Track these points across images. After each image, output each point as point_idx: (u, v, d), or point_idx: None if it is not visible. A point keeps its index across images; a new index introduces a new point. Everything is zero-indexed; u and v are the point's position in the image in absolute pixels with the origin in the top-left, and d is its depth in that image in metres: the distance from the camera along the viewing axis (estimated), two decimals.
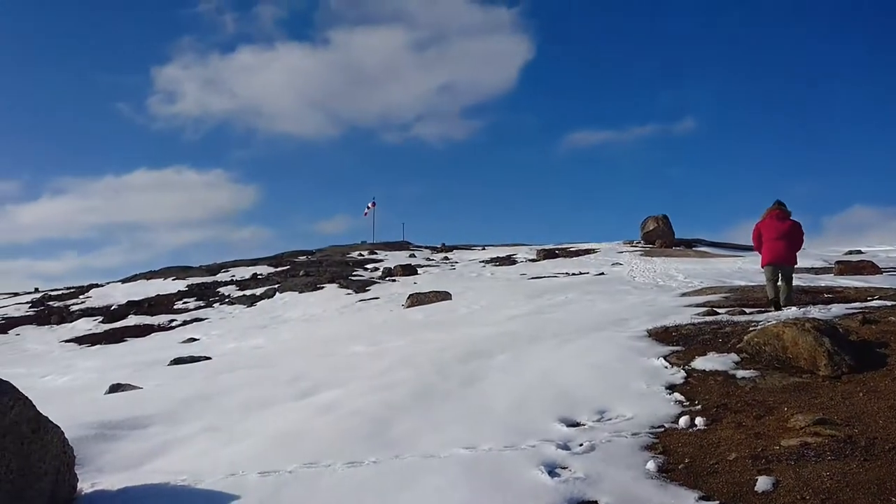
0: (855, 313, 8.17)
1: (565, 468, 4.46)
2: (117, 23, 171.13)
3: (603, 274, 23.76)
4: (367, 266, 37.10)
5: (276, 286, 31.01)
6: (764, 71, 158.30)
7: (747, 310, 9.51)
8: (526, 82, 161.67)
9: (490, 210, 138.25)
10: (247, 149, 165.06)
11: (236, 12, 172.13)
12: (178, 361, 13.05)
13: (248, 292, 30.78)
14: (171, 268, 43.47)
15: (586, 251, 37.52)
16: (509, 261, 36.10)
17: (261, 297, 29.11)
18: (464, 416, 5.84)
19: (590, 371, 6.82)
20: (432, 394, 6.58)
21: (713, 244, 41.31)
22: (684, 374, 6.47)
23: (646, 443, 4.89)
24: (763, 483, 3.98)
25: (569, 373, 6.86)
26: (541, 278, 24.60)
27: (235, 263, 43.85)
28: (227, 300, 29.89)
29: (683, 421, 5.28)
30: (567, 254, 36.87)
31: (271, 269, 38.84)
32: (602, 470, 4.38)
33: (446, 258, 41.03)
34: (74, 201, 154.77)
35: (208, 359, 13.20)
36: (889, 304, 9.02)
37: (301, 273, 34.93)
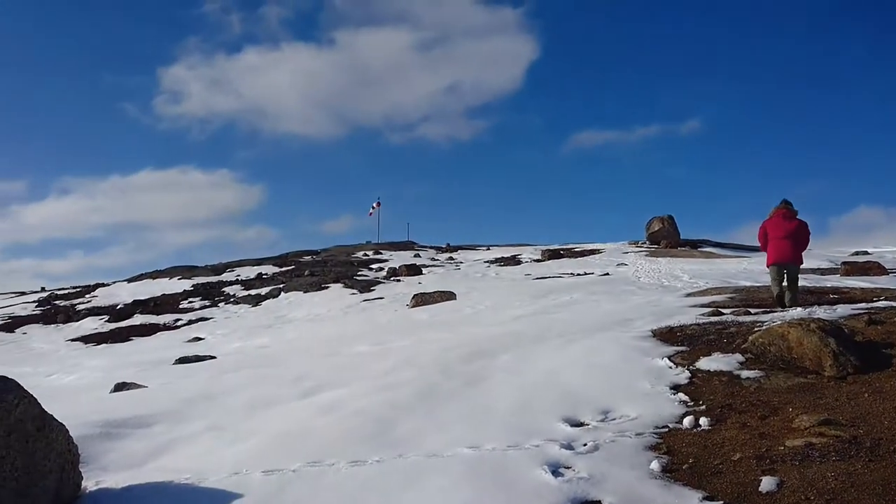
0: (861, 314, 8.14)
1: (569, 468, 4.46)
2: (123, 23, 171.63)
3: (608, 274, 23.74)
4: (372, 266, 37.13)
5: (280, 286, 31.06)
6: (770, 71, 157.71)
7: (752, 310, 9.48)
8: (531, 82, 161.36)
9: (495, 210, 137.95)
10: (252, 149, 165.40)
11: (242, 13, 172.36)
12: (183, 361, 13.09)
13: (253, 292, 30.84)
14: (176, 267, 43.56)
15: (591, 251, 37.47)
16: (514, 261, 36.07)
17: (266, 297, 29.18)
18: (467, 415, 5.84)
19: (594, 371, 6.81)
20: (436, 393, 6.58)
21: (718, 245, 41.16)
22: (689, 375, 6.45)
23: (650, 443, 4.88)
24: (767, 483, 3.97)
25: (573, 373, 6.85)
26: (545, 278, 24.59)
27: (240, 263, 43.90)
28: (232, 300, 29.97)
29: (688, 421, 5.27)
30: (572, 254, 36.83)
31: (276, 269, 38.88)
32: (606, 470, 4.38)
33: (451, 258, 41.03)
34: (80, 201, 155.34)
35: (213, 358, 13.23)
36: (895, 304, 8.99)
37: (306, 273, 34.98)
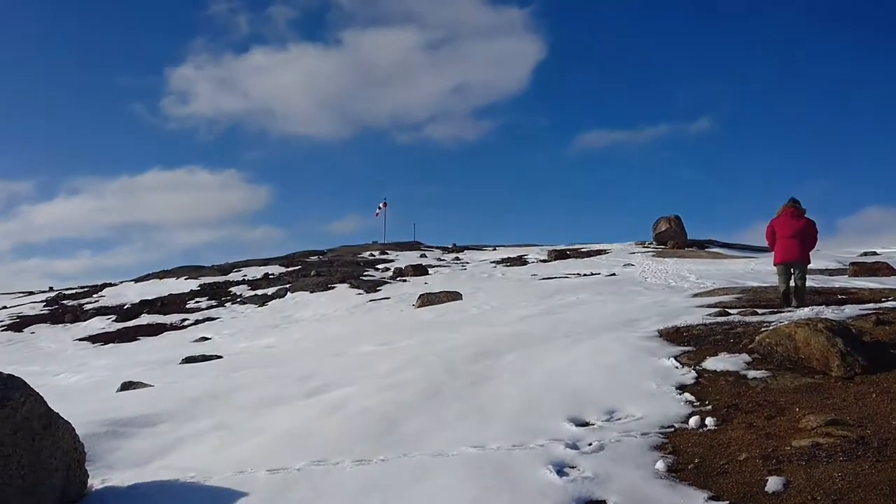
0: (869, 314, 8.09)
1: (574, 467, 4.44)
2: (131, 24, 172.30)
3: (614, 275, 23.68)
4: (379, 266, 37.17)
5: (287, 286, 31.13)
6: (778, 71, 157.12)
7: (759, 310, 9.44)
8: (538, 83, 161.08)
9: (501, 210, 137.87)
10: (259, 149, 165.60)
11: (250, 13, 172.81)
12: (189, 360, 13.15)
13: (259, 292, 30.92)
14: (183, 267, 43.71)
15: (598, 252, 37.40)
16: (520, 261, 36.06)
17: (272, 297, 29.24)
18: (473, 415, 5.83)
19: (600, 371, 6.79)
20: (442, 393, 6.57)
21: (726, 245, 41.05)
22: (695, 375, 6.43)
23: (655, 443, 4.86)
24: (773, 483, 3.95)
25: (579, 373, 6.84)
26: (552, 279, 24.55)
27: (247, 263, 44.04)
28: (238, 300, 30.04)
29: (694, 421, 5.25)
30: (578, 254, 36.77)
31: (283, 269, 38.98)
32: (611, 469, 4.36)
33: (457, 258, 41.03)
34: (89, 201, 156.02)
35: (219, 358, 13.28)
36: None
37: (312, 273, 35.05)
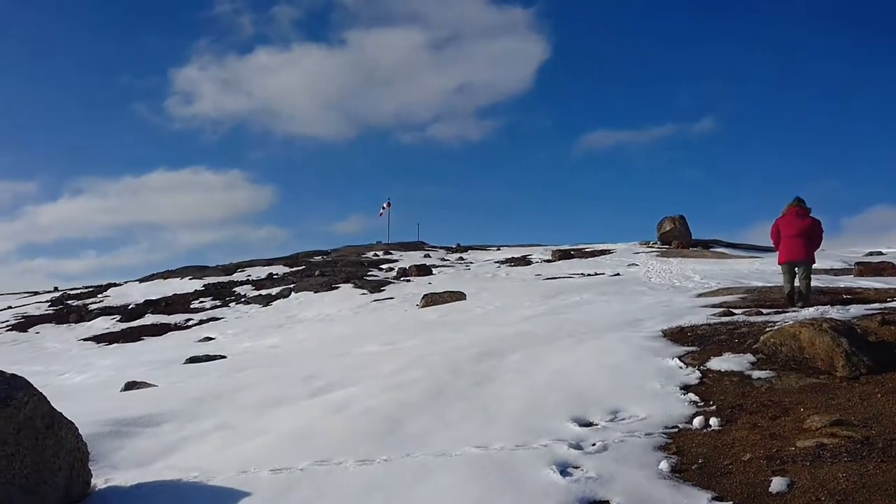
0: (874, 314, 8.06)
1: (577, 468, 4.43)
2: (135, 25, 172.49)
3: (618, 275, 23.64)
4: (382, 266, 37.17)
5: (291, 286, 31.15)
6: (782, 71, 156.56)
7: (764, 310, 9.41)
8: (542, 82, 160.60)
9: (505, 210, 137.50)
10: (264, 149, 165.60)
11: (254, 14, 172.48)
12: (193, 360, 13.15)
13: (263, 292, 30.95)
14: (187, 267, 43.79)
15: (602, 252, 37.35)
16: (524, 261, 36.01)
17: (276, 297, 29.27)
18: (476, 415, 5.82)
19: (604, 371, 6.78)
20: (445, 393, 6.57)
21: (730, 245, 40.93)
22: (699, 375, 6.41)
23: (659, 443, 4.85)
24: (778, 484, 3.93)
25: (583, 373, 6.83)
26: (556, 279, 24.52)
27: (251, 263, 44.08)
28: (242, 300, 30.08)
29: (698, 421, 5.23)
30: (582, 254, 36.72)
31: (287, 269, 39.01)
32: (614, 470, 4.35)
33: (461, 258, 41.02)
34: (93, 201, 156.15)
35: (223, 358, 13.29)
36: None
37: (316, 273, 35.07)
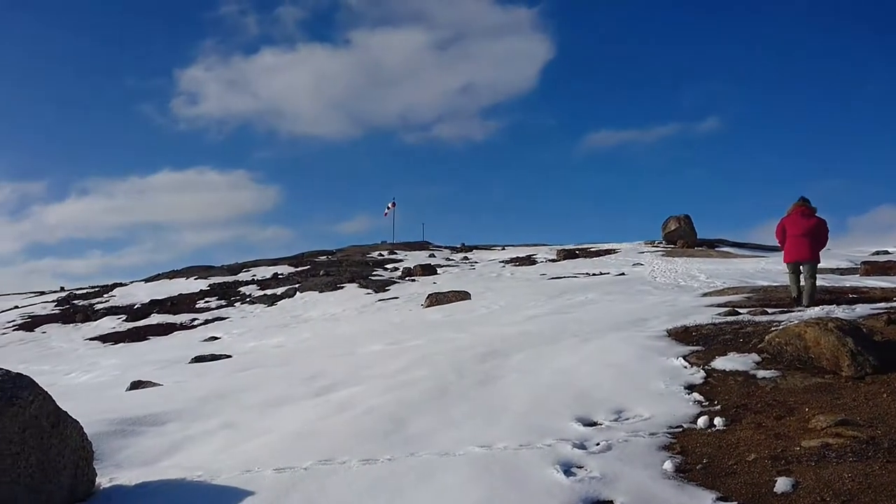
0: (880, 313, 8.03)
1: (581, 467, 4.42)
2: (141, 26, 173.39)
3: (623, 274, 23.58)
4: (387, 266, 37.20)
5: (296, 286, 31.19)
6: (788, 69, 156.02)
7: (769, 310, 9.38)
8: (546, 82, 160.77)
9: (510, 210, 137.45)
10: (269, 149, 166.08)
11: (258, 14, 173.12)
12: (198, 359, 13.19)
13: (268, 292, 31.01)
14: (193, 267, 43.95)
15: (607, 251, 37.28)
16: (529, 261, 35.99)
17: (281, 297, 29.31)
18: (480, 414, 5.82)
19: (608, 371, 6.77)
20: (449, 392, 6.57)
21: (736, 244, 40.82)
22: (704, 374, 6.39)
23: (663, 443, 4.83)
24: (782, 484, 3.92)
25: (587, 372, 6.81)
26: (561, 278, 24.48)
27: (256, 263, 44.17)
28: (248, 299, 30.14)
29: (702, 421, 5.22)
30: (587, 254, 36.67)
31: (292, 269, 39.07)
32: (618, 469, 4.34)
33: (466, 258, 41.02)
34: (100, 201, 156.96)
35: (229, 357, 13.32)
36: None
37: (321, 273, 35.11)
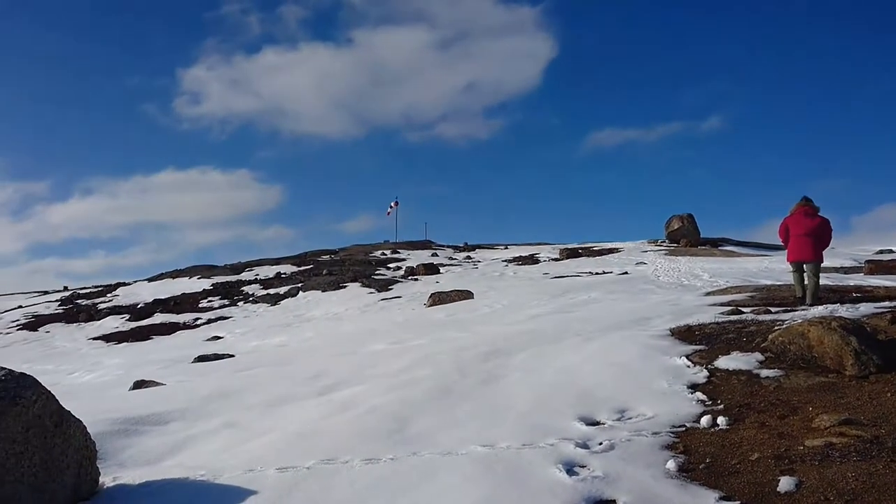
0: (884, 312, 8.00)
1: (584, 467, 4.42)
2: (143, 25, 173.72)
3: (626, 273, 23.56)
4: (390, 265, 37.20)
5: (299, 285, 31.21)
6: (791, 68, 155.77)
7: (773, 309, 9.35)
8: (549, 81, 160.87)
9: (513, 209, 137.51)
10: (271, 149, 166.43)
11: (261, 13, 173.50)
12: (202, 359, 13.21)
13: (271, 291, 31.03)
14: (196, 267, 43.98)
15: (610, 250, 37.24)
16: (532, 260, 35.96)
17: (284, 296, 29.33)
18: (482, 414, 5.82)
19: (611, 370, 6.76)
20: (452, 392, 6.57)
21: (739, 243, 40.72)
22: (707, 374, 6.38)
23: (666, 442, 4.83)
24: (786, 483, 3.91)
25: (590, 372, 6.81)
26: (564, 277, 24.46)
27: (259, 262, 44.21)
28: (251, 299, 30.16)
29: (705, 420, 5.21)
30: (590, 253, 36.62)
31: (295, 269, 39.08)
32: (621, 469, 4.34)
33: (469, 257, 41.00)
34: (103, 201, 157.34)
35: (232, 356, 13.33)
36: None
37: (324, 272, 35.13)
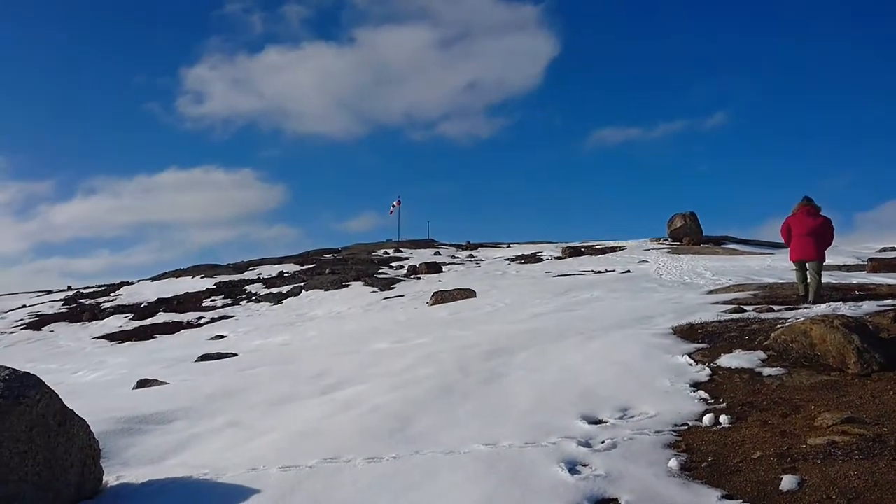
0: (886, 310, 7.99)
1: (586, 465, 4.43)
2: (146, 24, 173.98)
3: (629, 272, 23.53)
4: (393, 264, 37.21)
5: (302, 284, 31.23)
6: (794, 65, 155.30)
7: (775, 307, 9.35)
8: (552, 79, 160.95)
9: (515, 208, 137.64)
10: (274, 148, 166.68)
11: (263, 12, 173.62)
12: (205, 358, 13.22)
13: (274, 290, 31.06)
14: (199, 266, 44.04)
15: (612, 249, 37.20)
16: (534, 258, 35.94)
17: (287, 295, 29.36)
18: (485, 412, 5.82)
19: (613, 368, 6.76)
20: (454, 391, 6.57)
21: (742, 242, 40.61)
22: (709, 372, 6.38)
23: (668, 441, 4.83)
24: (788, 482, 3.91)
25: (592, 370, 6.81)
26: (566, 276, 24.44)
27: (262, 262, 44.23)
28: (254, 298, 30.20)
29: (707, 419, 5.21)
30: (593, 251, 36.59)
31: (298, 268, 39.11)
32: (623, 467, 4.34)
33: (471, 256, 41.00)
34: (106, 201, 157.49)
35: (235, 355, 13.35)
36: None
37: (327, 271, 35.15)
